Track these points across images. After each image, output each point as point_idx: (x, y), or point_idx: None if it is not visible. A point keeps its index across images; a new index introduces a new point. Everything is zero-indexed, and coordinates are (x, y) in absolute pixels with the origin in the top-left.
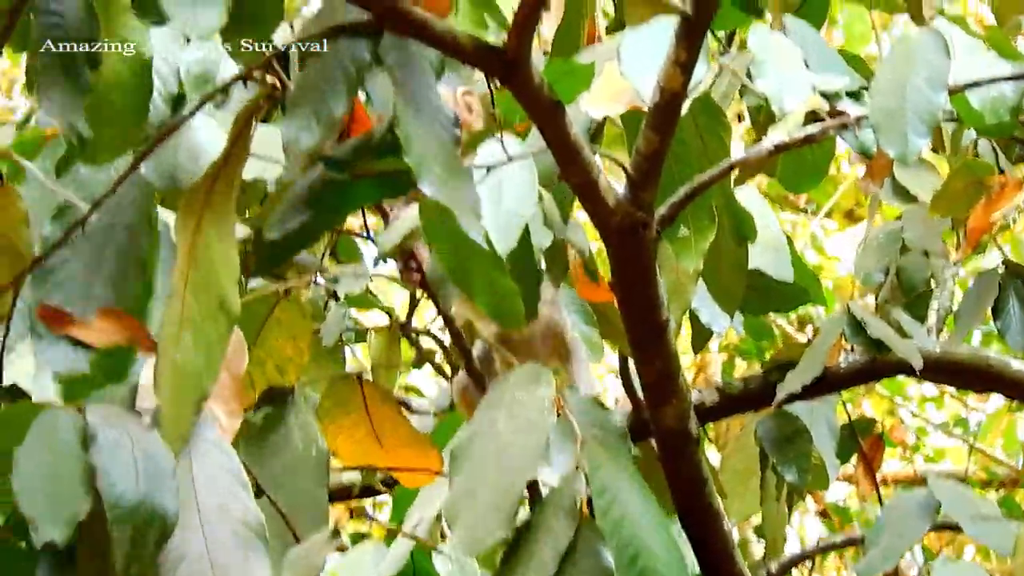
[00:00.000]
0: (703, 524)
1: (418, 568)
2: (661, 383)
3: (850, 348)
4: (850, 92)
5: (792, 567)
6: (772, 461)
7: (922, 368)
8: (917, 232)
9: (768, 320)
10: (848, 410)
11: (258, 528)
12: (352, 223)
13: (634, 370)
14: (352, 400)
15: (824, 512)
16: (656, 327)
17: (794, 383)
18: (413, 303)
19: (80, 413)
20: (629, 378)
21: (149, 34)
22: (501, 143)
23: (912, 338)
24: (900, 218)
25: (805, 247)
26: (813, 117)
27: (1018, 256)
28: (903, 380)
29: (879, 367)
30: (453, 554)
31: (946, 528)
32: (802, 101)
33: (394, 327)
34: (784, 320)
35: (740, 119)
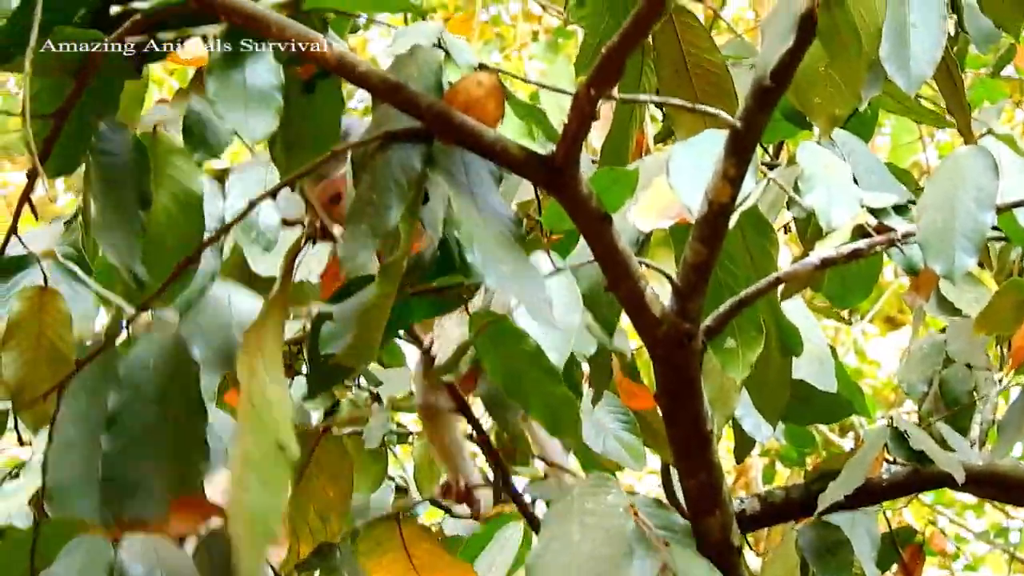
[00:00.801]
0: None
1: None
2: (705, 494)
3: (892, 459)
4: (897, 206)
5: None
6: (813, 570)
7: (964, 481)
8: (961, 345)
9: (810, 426)
10: (888, 517)
11: None
12: None
13: (676, 477)
14: (390, 539)
15: None
16: (701, 439)
17: (836, 493)
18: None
19: (115, 543)
20: (671, 485)
21: (199, 177)
22: (548, 254)
23: (955, 451)
24: (944, 330)
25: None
26: (860, 232)
27: None
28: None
29: (921, 479)
30: None
31: None
32: (850, 217)
33: None
34: (825, 425)
35: (786, 230)
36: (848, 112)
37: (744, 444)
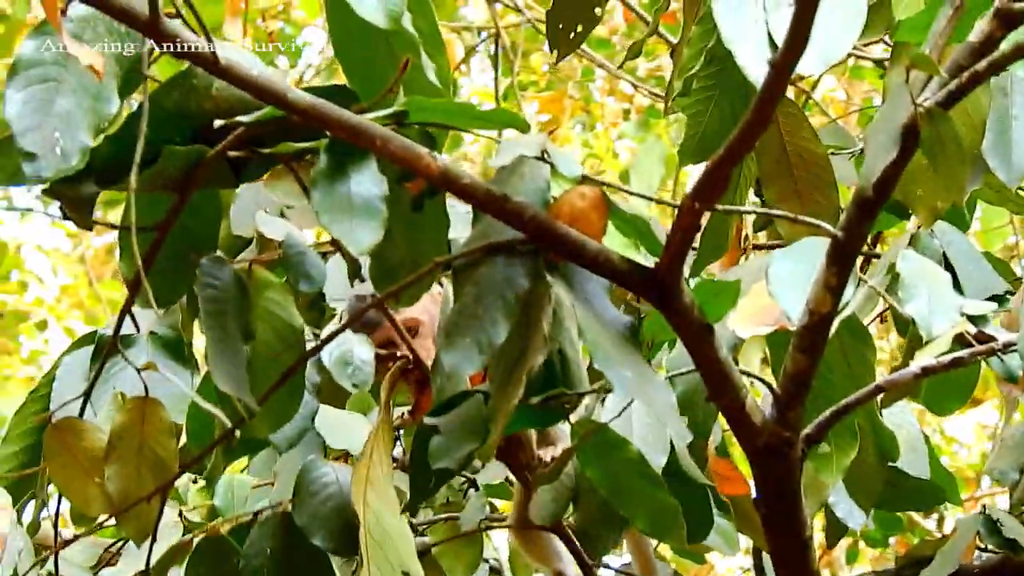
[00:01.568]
0: None
1: None
2: None
3: (984, 547)
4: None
5: None
6: None
7: None
8: None
9: None
10: None
11: None
12: None
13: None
14: None
15: None
16: (799, 544)
17: None
18: None
19: None
20: (763, 571)
21: (294, 310)
22: (648, 362)
23: None
24: None
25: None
26: (960, 339)
27: None
28: None
29: (1014, 566)
30: None
31: None
32: (950, 326)
33: None
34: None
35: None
36: (949, 205)
37: (836, 530)
